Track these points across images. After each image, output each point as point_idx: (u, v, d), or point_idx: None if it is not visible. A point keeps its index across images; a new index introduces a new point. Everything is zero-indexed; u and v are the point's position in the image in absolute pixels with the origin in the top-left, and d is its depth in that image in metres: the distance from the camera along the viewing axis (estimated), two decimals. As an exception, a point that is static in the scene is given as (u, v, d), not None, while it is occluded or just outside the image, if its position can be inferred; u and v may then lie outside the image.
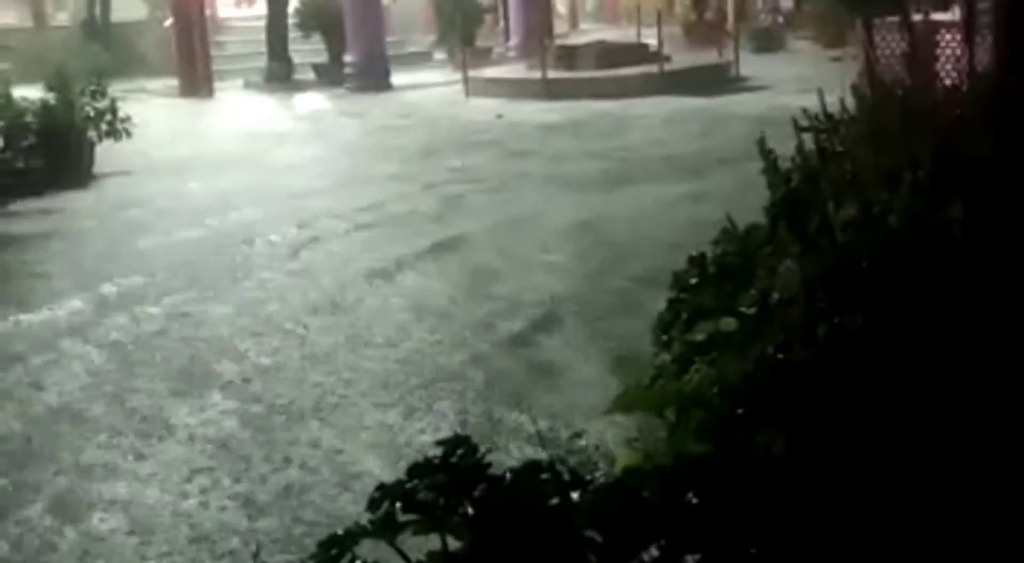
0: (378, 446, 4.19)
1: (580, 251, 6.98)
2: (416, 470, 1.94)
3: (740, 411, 2.21)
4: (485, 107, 15.10)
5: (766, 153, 2.41)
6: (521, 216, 8.11)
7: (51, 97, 10.71)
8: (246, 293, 6.46)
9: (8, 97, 10.51)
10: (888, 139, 2.54)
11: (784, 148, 2.95)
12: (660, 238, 6.89)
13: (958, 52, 11.94)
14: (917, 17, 11.65)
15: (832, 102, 3.25)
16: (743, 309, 2.78)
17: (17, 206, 9.50)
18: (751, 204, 3.12)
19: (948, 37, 12.55)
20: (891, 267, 2.20)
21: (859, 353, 2.19)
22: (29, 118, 10.49)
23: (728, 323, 2.84)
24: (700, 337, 2.76)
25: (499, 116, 14.08)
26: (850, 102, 3.21)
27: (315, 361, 5.20)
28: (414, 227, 7.96)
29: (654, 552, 1.89)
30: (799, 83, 13.66)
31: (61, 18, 23.45)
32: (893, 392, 2.11)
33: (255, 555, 3.04)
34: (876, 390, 2.09)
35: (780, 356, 2.25)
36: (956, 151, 2.58)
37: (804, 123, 2.83)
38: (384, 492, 1.91)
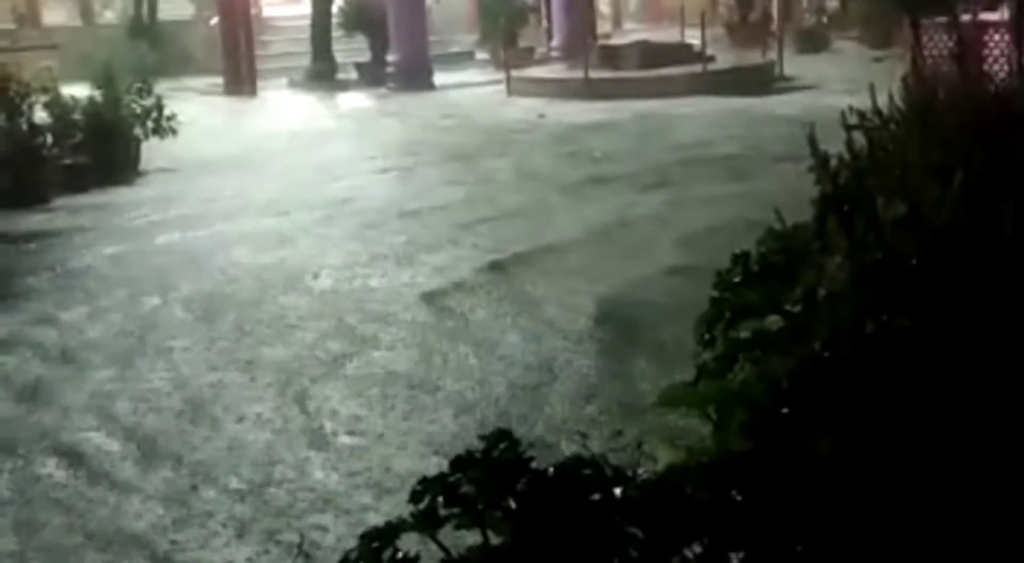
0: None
1: (624, 253, 6.96)
2: (458, 464, 1.93)
3: (785, 409, 2.19)
4: (527, 106, 15.08)
5: (815, 149, 2.37)
6: (556, 213, 8.11)
7: (98, 95, 10.82)
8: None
9: (56, 94, 10.63)
10: (938, 136, 2.50)
11: (830, 148, 2.92)
12: (706, 240, 6.81)
13: (1007, 52, 11.81)
14: (965, 17, 11.53)
15: (878, 102, 3.22)
16: (788, 307, 2.76)
17: (62, 202, 9.61)
18: (797, 204, 3.09)
19: (996, 37, 12.40)
20: (941, 266, 2.17)
21: (908, 352, 2.16)
22: (76, 115, 10.61)
23: (773, 321, 2.82)
24: (744, 335, 2.74)
25: (541, 116, 14.06)
26: (899, 100, 3.17)
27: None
28: (451, 230, 7.96)
29: (696, 549, 1.88)
30: (844, 83, 13.53)
31: (108, 16, 23.69)
32: (941, 392, 2.08)
33: (299, 546, 3.05)
34: (924, 390, 2.06)
35: (827, 354, 2.22)
36: (1007, 149, 2.55)
37: (852, 120, 2.79)
38: (426, 485, 1.91)
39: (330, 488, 3.84)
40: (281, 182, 10.26)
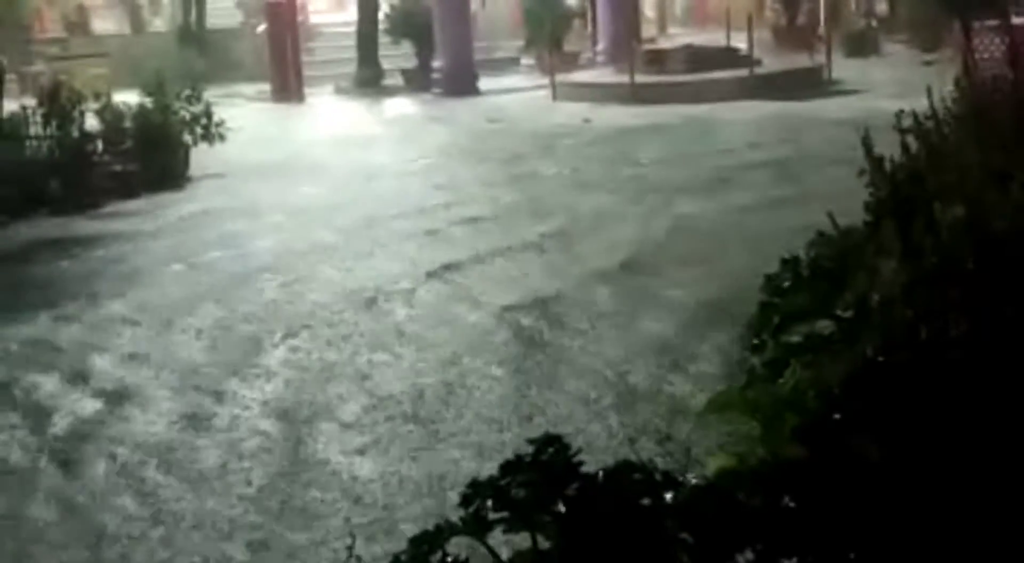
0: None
1: (672, 256, 6.93)
2: (508, 468, 1.92)
3: (838, 415, 2.16)
4: (572, 111, 15.07)
5: (870, 151, 2.35)
6: (604, 217, 8.09)
7: (148, 101, 10.94)
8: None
9: (107, 101, 10.77)
10: (995, 140, 2.47)
11: (882, 152, 2.88)
12: (759, 249, 6.75)
13: (1060, 55, 11.63)
14: (1017, 20, 11.38)
15: (928, 105, 3.17)
16: (840, 312, 2.72)
17: (113, 207, 9.73)
18: (849, 208, 3.05)
19: (1049, 40, 12.23)
20: (999, 271, 2.13)
21: (964, 360, 2.13)
22: (127, 122, 10.73)
23: (824, 325, 2.79)
24: (795, 339, 2.71)
25: (586, 120, 14.04)
26: (951, 103, 3.13)
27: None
28: (507, 237, 7.96)
29: (749, 555, 1.86)
30: (894, 87, 13.38)
31: (158, 24, 23.97)
32: (997, 400, 2.05)
33: (349, 548, 3.05)
34: (980, 398, 2.03)
35: (880, 359, 2.19)
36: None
37: (905, 123, 2.76)
38: (476, 489, 1.90)
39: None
40: (328, 188, 10.31)
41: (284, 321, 6.03)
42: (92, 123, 10.57)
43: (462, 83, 18.06)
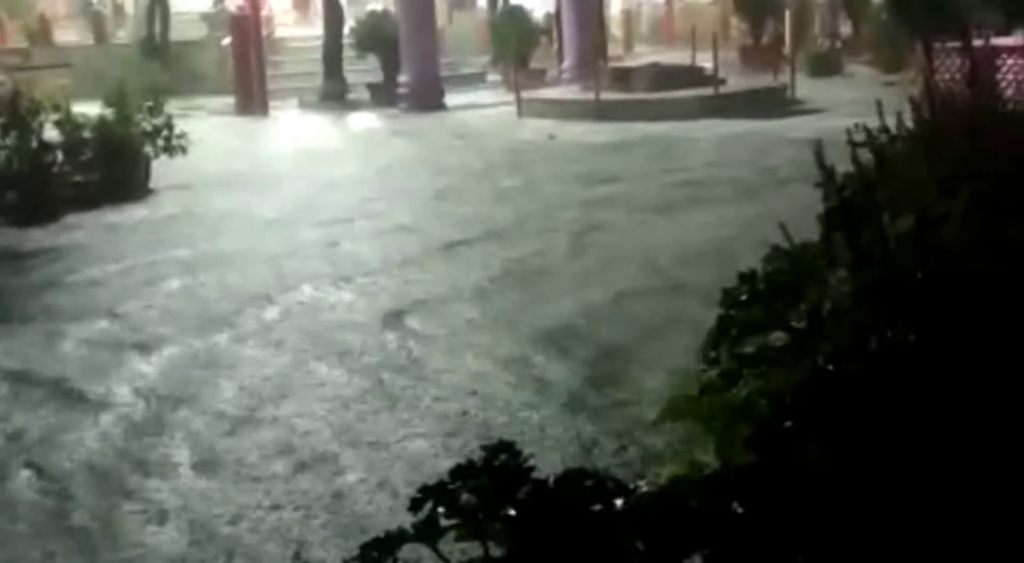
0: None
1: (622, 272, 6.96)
2: (459, 472, 1.92)
3: (788, 423, 2.18)
4: (538, 127, 15.10)
5: (822, 164, 2.37)
6: (559, 233, 8.11)
7: (109, 113, 10.87)
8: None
9: (68, 112, 10.68)
10: (946, 153, 2.50)
11: (840, 168, 2.91)
12: (719, 264, 6.80)
13: (1020, 77, 11.80)
14: (978, 42, 11.54)
15: (887, 122, 3.21)
16: (794, 323, 2.75)
17: (72, 218, 9.64)
18: (807, 225, 3.08)
19: (1010, 62, 12.41)
20: (946, 282, 2.16)
21: (910, 369, 2.15)
22: (87, 133, 10.65)
23: (778, 337, 2.81)
24: (749, 350, 2.73)
25: (551, 137, 14.08)
26: (907, 119, 3.16)
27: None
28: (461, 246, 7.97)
29: (697, 561, 1.86)
30: (856, 106, 13.39)
31: (121, 36, 23.86)
32: (942, 408, 2.07)
33: (295, 556, 3.03)
34: (926, 406, 2.05)
35: (830, 369, 2.21)
36: (1014, 167, 2.54)
37: (859, 138, 2.79)
38: (426, 493, 1.90)
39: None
40: (288, 201, 10.28)
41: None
42: (52, 134, 10.48)
43: (428, 98, 18.08)
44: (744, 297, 3.16)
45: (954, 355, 2.14)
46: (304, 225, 8.99)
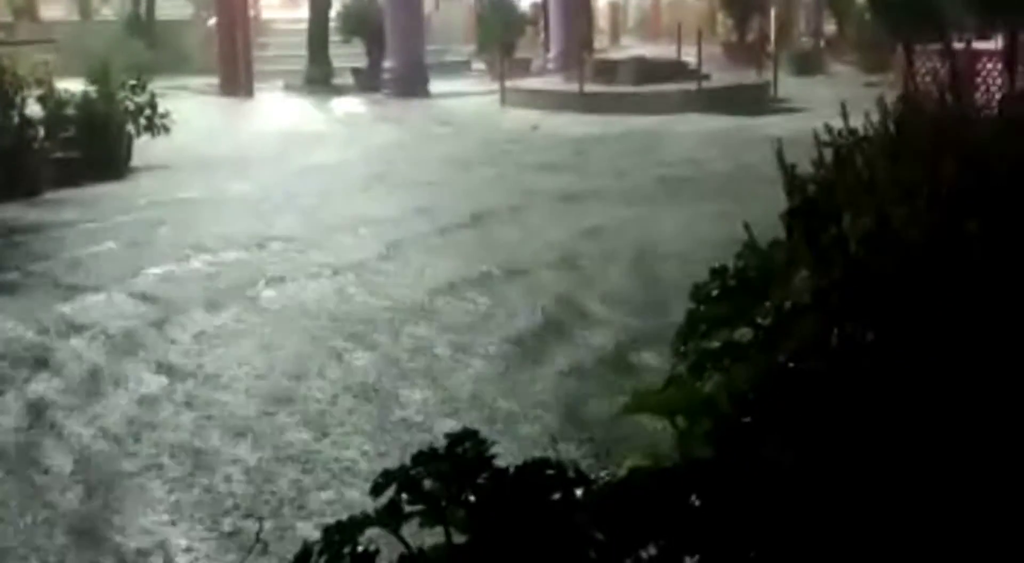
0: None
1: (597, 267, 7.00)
2: (420, 458, 1.96)
3: (748, 418, 2.22)
4: (521, 117, 15.13)
5: (784, 164, 2.42)
6: (531, 222, 8.15)
7: (92, 90, 10.84)
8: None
9: (49, 88, 10.64)
10: (911, 154, 2.54)
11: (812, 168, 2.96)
12: (691, 257, 6.86)
13: (998, 80, 11.91)
14: (958, 45, 11.60)
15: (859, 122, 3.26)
16: (759, 320, 2.80)
17: (52, 195, 9.63)
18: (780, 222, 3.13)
19: (989, 66, 12.51)
20: (906, 280, 2.20)
21: (870, 366, 2.19)
22: (70, 110, 10.62)
23: (744, 333, 2.86)
24: (714, 345, 2.78)
25: (534, 127, 14.11)
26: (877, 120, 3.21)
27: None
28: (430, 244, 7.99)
29: (653, 551, 1.90)
30: (837, 106, 13.49)
31: (106, 13, 23.72)
32: (902, 405, 2.11)
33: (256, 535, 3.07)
34: (884, 402, 2.10)
35: (790, 365, 2.26)
36: (980, 169, 2.58)
37: (827, 138, 2.83)
38: (388, 477, 1.93)
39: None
40: (267, 183, 10.30)
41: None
42: (35, 109, 10.44)
43: (412, 85, 18.08)
44: (715, 292, 3.21)
45: (912, 351, 2.19)
46: (276, 209, 9.00)
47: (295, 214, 8.81)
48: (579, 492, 2.06)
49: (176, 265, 7.17)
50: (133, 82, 11.03)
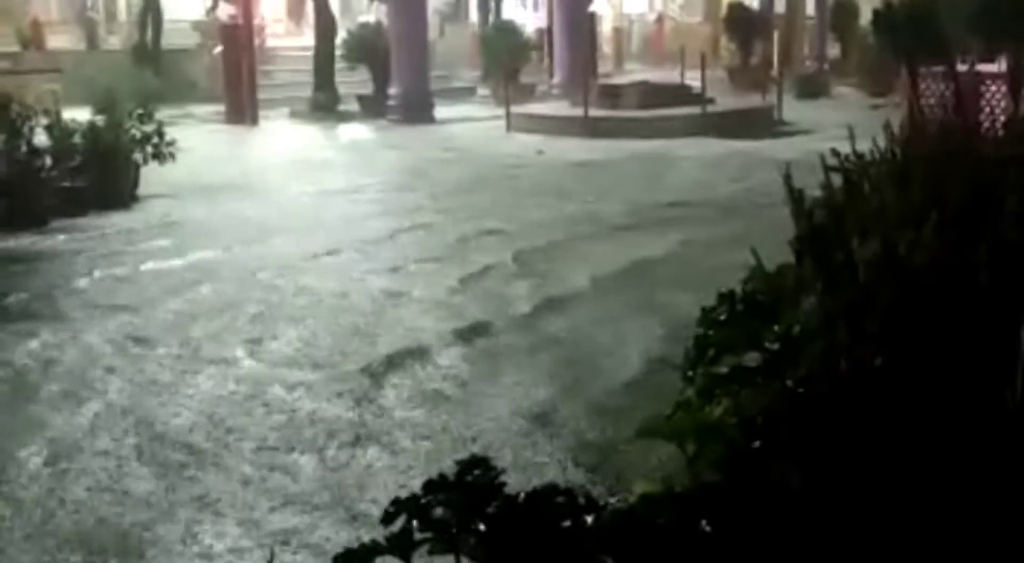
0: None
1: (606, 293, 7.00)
2: (431, 486, 1.96)
3: (757, 443, 2.22)
4: (526, 142, 15.18)
5: (791, 189, 2.43)
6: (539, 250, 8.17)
7: (99, 119, 10.88)
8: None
9: (56, 118, 10.69)
10: (917, 179, 2.55)
11: (818, 192, 2.97)
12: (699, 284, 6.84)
13: (1002, 103, 11.91)
14: (962, 67, 11.63)
15: (868, 149, 3.27)
16: (768, 344, 2.80)
17: (59, 223, 9.65)
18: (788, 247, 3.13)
19: (993, 88, 12.52)
20: (913, 306, 2.21)
21: (878, 391, 2.20)
22: (77, 139, 10.66)
23: (752, 358, 2.86)
24: (723, 370, 2.78)
25: (539, 152, 14.15)
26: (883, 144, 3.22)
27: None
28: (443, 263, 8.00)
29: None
30: (841, 129, 13.48)
31: (113, 42, 23.87)
32: (909, 430, 2.12)
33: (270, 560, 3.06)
34: (892, 427, 2.10)
35: (799, 390, 2.26)
36: (986, 194, 2.59)
37: (834, 163, 2.85)
38: (399, 506, 1.94)
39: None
40: (275, 210, 10.33)
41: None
42: (42, 139, 10.48)
43: (418, 111, 18.15)
44: (722, 317, 3.22)
45: (920, 376, 2.19)
46: (285, 235, 9.02)
47: (309, 237, 8.83)
48: (589, 518, 2.07)
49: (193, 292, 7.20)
50: (140, 111, 11.07)
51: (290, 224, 9.52)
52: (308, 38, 21.51)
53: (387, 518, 1.94)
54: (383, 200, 10.90)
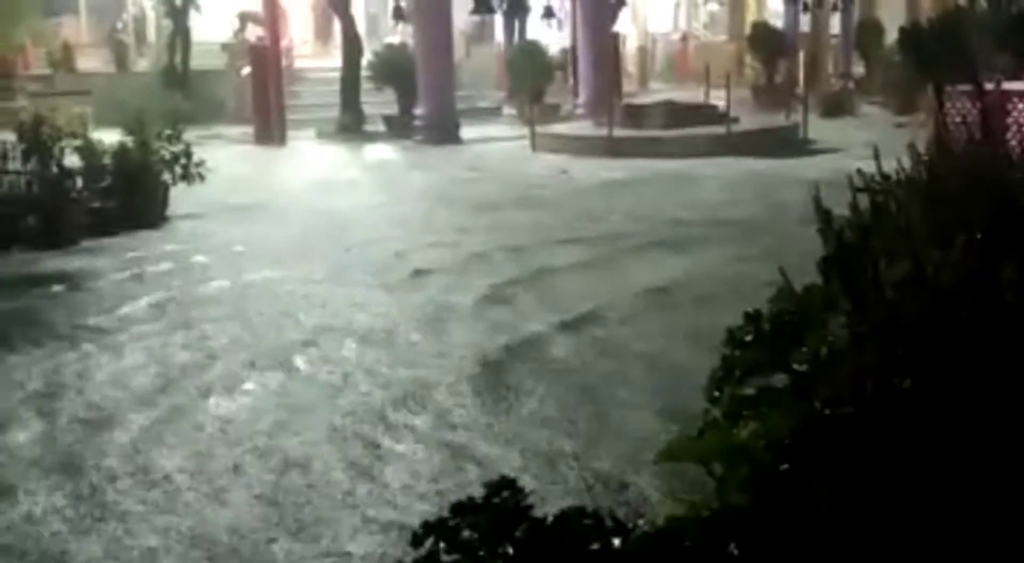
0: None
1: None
2: (459, 509, 1.97)
3: (785, 466, 2.22)
4: (550, 162, 15.20)
5: (820, 209, 2.43)
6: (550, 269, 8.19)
7: (129, 140, 10.98)
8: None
9: (88, 139, 10.80)
10: (944, 199, 2.55)
11: (847, 211, 2.96)
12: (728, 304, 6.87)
13: (1030, 121, 11.85)
14: (989, 85, 11.59)
15: (892, 166, 3.26)
16: (795, 365, 2.79)
17: (89, 243, 9.74)
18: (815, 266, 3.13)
19: (1020, 106, 12.46)
20: (941, 327, 2.20)
21: (906, 413, 2.19)
22: (107, 160, 10.76)
23: (779, 379, 2.85)
24: (750, 391, 2.78)
25: (564, 172, 14.17)
26: (908, 164, 3.21)
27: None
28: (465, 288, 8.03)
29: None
30: (867, 148, 13.42)
31: (143, 65, 24.09)
32: (939, 453, 2.11)
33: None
34: (922, 451, 2.09)
35: (827, 412, 2.26)
36: (1013, 214, 2.58)
37: (861, 183, 2.85)
38: (427, 529, 1.95)
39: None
40: (303, 230, 10.39)
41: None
42: (72, 160, 10.59)
43: (444, 131, 18.21)
44: (749, 338, 3.21)
45: (949, 399, 2.19)
46: (313, 256, 9.07)
47: (336, 258, 8.87)
48: (617, 541, 2.07)
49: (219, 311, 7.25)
50: (169, 132, 11.17)
51: (314, 245, 9.56)
52: (335, 59, 21.63)
53: (416, 540, 1.94)
54: (408, 218, 10.93)
